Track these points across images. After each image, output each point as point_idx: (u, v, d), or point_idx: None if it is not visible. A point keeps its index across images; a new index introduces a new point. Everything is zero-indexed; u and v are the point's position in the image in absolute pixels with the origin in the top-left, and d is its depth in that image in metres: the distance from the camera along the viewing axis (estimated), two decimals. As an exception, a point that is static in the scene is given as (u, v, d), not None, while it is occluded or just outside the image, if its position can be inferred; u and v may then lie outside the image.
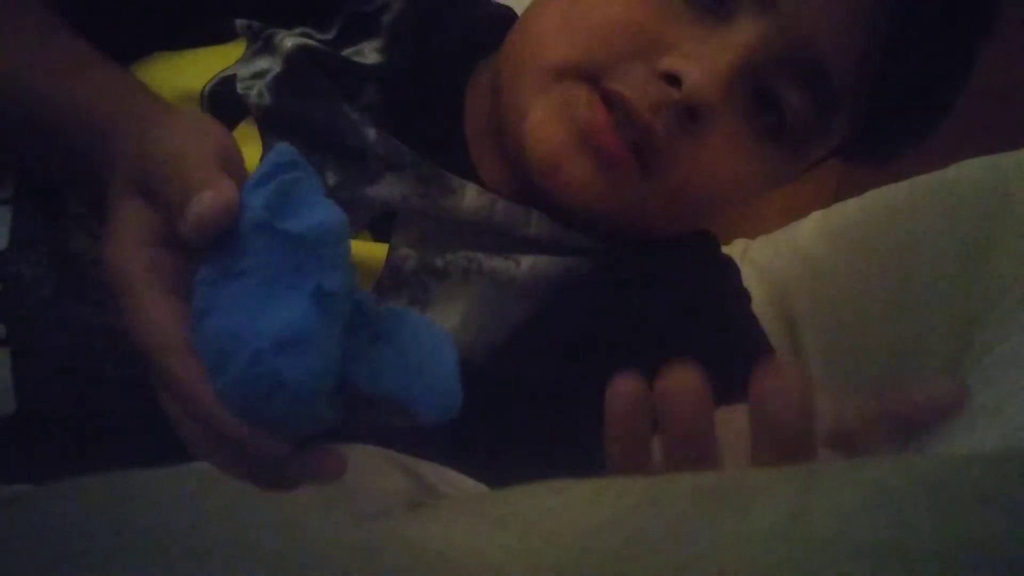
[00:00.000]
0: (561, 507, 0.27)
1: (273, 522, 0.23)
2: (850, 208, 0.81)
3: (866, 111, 0.55)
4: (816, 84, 0.52)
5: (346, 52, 0.56)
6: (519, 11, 0.61)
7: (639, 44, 0.50)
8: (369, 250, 0.51)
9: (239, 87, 0.52)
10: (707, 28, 0.50)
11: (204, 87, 0.53)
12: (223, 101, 0.52)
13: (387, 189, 0.52)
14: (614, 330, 0.55)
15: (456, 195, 0.53)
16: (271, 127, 0.52)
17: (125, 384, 0.46)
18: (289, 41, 0.54)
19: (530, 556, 0.24)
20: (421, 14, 0.59)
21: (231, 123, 0.52)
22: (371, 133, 0.52)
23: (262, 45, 0.54)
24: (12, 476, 0.43)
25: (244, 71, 0.53)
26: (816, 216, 0.85)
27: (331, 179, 0.51)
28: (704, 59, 0.49)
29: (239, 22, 0.55)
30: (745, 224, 0.95)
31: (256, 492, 0.28)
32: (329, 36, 0.57)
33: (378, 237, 0.53)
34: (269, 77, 0.53)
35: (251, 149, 0.51)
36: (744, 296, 0.62)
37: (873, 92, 0.54)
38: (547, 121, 0.51)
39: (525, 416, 0.52)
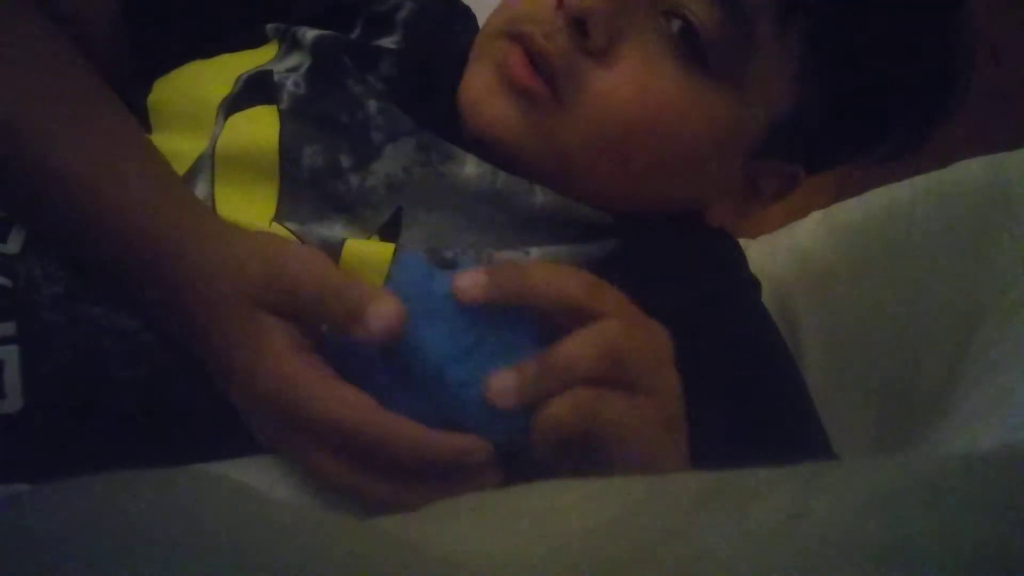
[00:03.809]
0: (562, 507, 0.27)
1: (270, 525, 0.23)
2: (850, 208, 0.81)
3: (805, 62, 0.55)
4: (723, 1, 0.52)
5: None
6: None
7: None
8: (378, 249, 0.51)
9: (275, 77, 0.55)
10: None
11: (240, 75, 0.55)
12: (258, 87, 0.54)
13: (389, 162, 0.53)
14: None
15: (456, 161, 0.54)
16: (299, 116, 0.53)
17: (132, 384, 0.46)
18: (311, 33, 0.56)
19: (531, 556, 0.24)
20: (435, 13, 0.62)
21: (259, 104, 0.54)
22: (372, 105, 0.54)
23: (291, 43, 0.57)
24: (16, 474, 0.44)
25: (279, 67, 0.56)
26: (816, 216, 0.85)
27: (345, 162, 0.53)
28: None
29: (270, 26, 0.58)
30: (745, 224, 0.95)
31: (254, 496, 0.28)
32: (352, 37, 0.59)
33: (387, 241, 0.53)
34: (303, 68, 0.55)
35: (267, 128, 0.53)
36: (754, 286, 0.62)
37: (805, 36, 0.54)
38: (476, 73, 0.56)
39: None
